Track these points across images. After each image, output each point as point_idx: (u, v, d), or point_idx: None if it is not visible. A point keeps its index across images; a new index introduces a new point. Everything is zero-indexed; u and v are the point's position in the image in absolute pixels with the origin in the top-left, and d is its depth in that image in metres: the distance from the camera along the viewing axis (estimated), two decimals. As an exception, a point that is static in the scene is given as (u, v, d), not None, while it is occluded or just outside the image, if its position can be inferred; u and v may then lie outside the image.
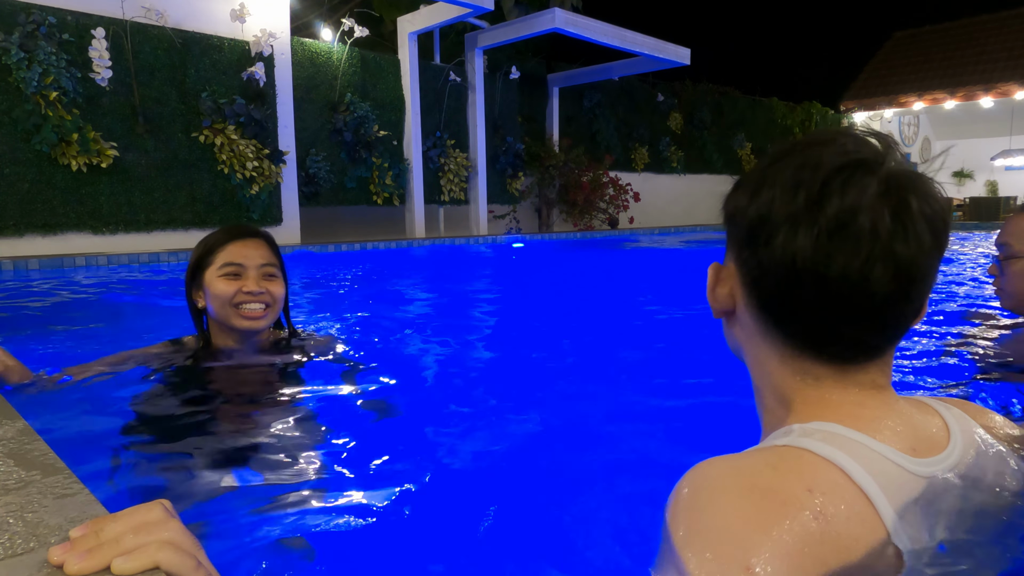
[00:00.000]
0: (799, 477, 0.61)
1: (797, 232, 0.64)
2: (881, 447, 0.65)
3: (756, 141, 14.83)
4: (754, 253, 0.69)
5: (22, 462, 0.75)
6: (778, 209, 0.66)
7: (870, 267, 0.63)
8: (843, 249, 0.63)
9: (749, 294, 0.73)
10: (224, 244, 1.66)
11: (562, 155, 10.64)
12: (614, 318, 3.59)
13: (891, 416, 0.68)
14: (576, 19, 8.48)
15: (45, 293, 4.20)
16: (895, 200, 0.63)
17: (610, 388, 2.10)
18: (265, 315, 1.67)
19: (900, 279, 0.64)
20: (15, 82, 5.42)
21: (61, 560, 0.53)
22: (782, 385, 0.73)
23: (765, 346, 0.74)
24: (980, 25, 16.77)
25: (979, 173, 19.41)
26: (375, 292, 4.71)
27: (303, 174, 7.61)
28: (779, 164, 0.69)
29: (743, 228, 0.71)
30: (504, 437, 1.65)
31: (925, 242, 0.64)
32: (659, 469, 1.39)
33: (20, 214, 5.62)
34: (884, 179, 0.64)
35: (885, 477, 0.63)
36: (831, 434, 0.65)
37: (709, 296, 0.80)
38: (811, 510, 0.59)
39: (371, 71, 8.23)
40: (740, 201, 0.72)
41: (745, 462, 0.65)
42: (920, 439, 0.68)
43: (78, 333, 2.92)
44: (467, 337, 3.06)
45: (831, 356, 0.69)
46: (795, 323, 0.69)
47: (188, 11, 6.48)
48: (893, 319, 0.67)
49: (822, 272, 0.64)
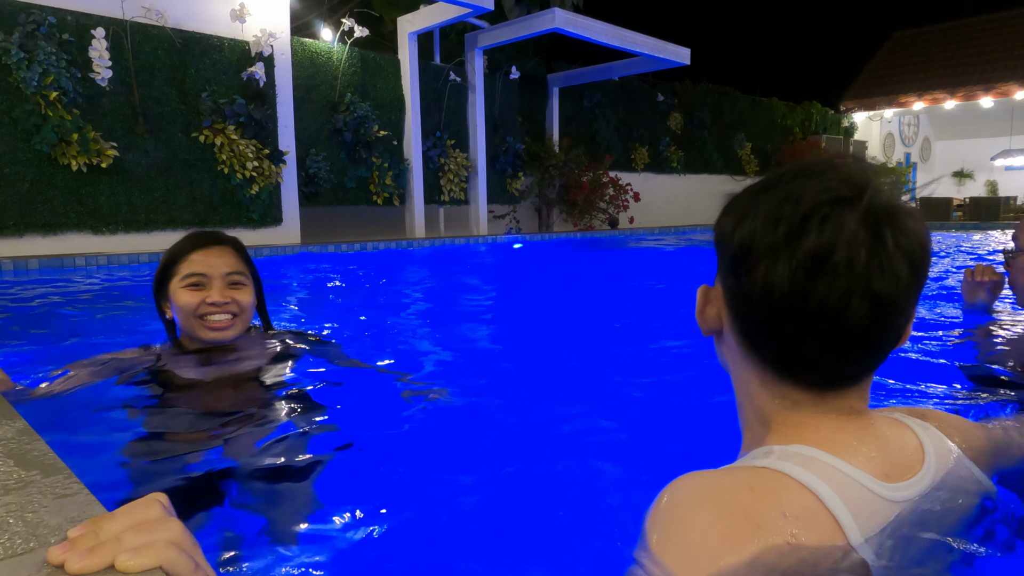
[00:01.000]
0: (775, 501, 0.63)
1: (777, 264, 0.66)
2: (856, 473, 0.67)
3: (756, 141, 14.82)
4: (737, 281, 0.71)
5: (22, 462, 0.75)
6: (760, 240, 0.68)
7: (847, 301, 0.64)
8: (820, 283, 0.64)
9: (733, 319, 0.76)
10: (187, 253, 1.60)
11: (562, 155, 10.63)
12: (614, 318, 3.59)
13: (867, 441, 0.71)
14: (576, 19, 8.48)
15: (45, 293, 4.20)
16: (873, 235, 0.64)
17: (610, 388, 2.10)
18: (232, 325, 1.61)
19: (877, 313, 0.65)
20: (15, 82, 5.41)
21: (61, 560, 0.53)
22: (762, 406, 0.75)
23: (747, 368, 0.76)
24: (980, 25, 16.77)
25: (979, 173, 19.40)
26: (374, 292, 4.71)
27: (303, 174, 7.60)
28: (764, 195, 0.70)
29: (728, 255, 0.73)
30: (503, 437, 1.65)
31: (902, 276, 0.65)
32: (657, 469, 1.39)
33: (20, 214, 5.62)
34: (863, 214, 0.65)
35: (858, 504, 0.65)
36: (809, 459, 0.67)
37: (698, 316, 0.82)
38: (784, 535, 0.61)
39: (371, 71, 8.23)
40: (726, 227, 0.73)
41: (725, 480, 0.67)
42: (894, 464, 0.70)
43: (78, 333, 2.92)
44: (466, 337, 3.06)
45: (809, 383, 0.71)
46: (774, 350, 0.72)
47: (188, 11, 6.47)
48: (870, 350, 0.69)
49: (800, 304, 0.66)
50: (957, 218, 13.71)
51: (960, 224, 12.19)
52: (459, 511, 1.25)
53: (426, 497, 1.30)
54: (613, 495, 1.31)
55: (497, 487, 1.37)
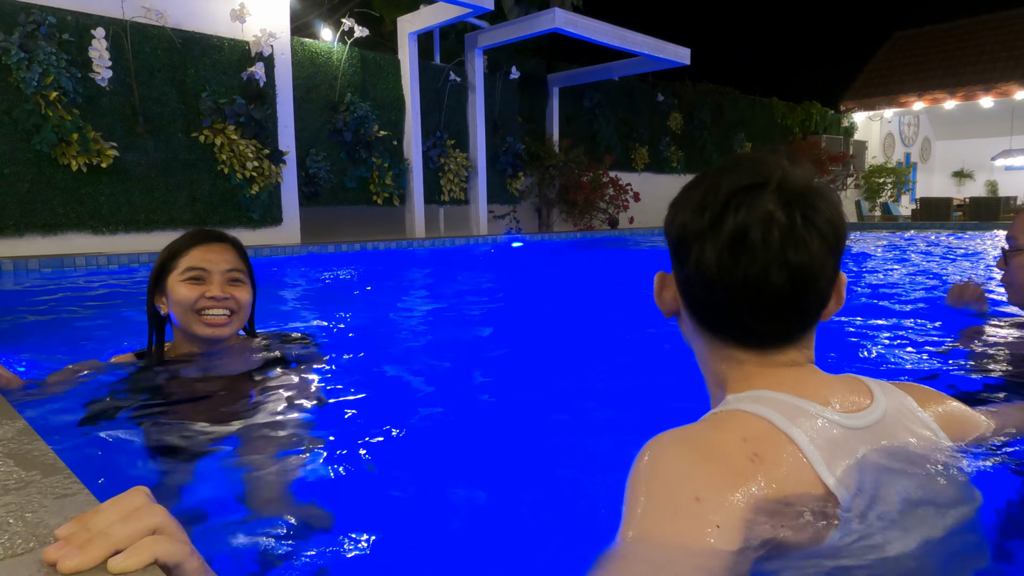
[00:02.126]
0: (733, 430, 0.73)
1: (704, 247, 0.77)
2: (803, 403, 0.75)
3: (756, 141, 14.82)
4: (680, 265, 0.83)
5: (22, 462, 0.75)
6: (690, 228, 0.79)
7: (766, 272, 0.74)
8: (741, 259, 0.74)
9: (683, 298, 0.87)
10: (188, 248, 1.60)
11: (562, 155, 10.63)
12: (614, 318, 3.59)
13: (811, 383, 0.79)
14: (576, 19, 8.48)
15: (45, 293, 4.20)
16: (784, 213, 0.73)
17: (610, 388, 2.10)
18: (229, 322, 1.61)
19: (795, 280, 0.74)
20: (15, 82, 5.42)
21: (55, 558, 0.52)
22: (715, 369, 0.85)
23: (700, 339, 0.87)
24: (980, 25, 16.76)
25: (979, 173, 19.41)
26: (374, 292, 4.71)
27: (303, 174, 7.61)
28: (693, 189, 0.82)
29: (671, 243, 0.85)
30: (502, 437, 1.65)
31: (814, 247, 0.74)
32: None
33: (20, 214, 5.62)
34: (775, 195, 0.74)
35: (809, 427, 0.73)
36: (759, 397, 0.77)
37: (656, 300, 0.93)
38: (746, 454, 0.69)
39: (371, 71, 8.23)
40: (667, 220, 0.85)
41: (690, 428, 0.76)
42: (841, 399, 0.78)
43: (77, 333, 2.92)
44: (466, 337, 3.06)
45: (749, 344, 0.81)
46: (715, 320, 0.82)
47: (188, 11, 6.47)
48: (796, 313, 0.78)
49: (727, 279, 0.76)
50: (957, 218, 13.71)
51: (960, 224, 12.19)
52: (457, 511, 1.25)
53: (422, 496, 1.30)
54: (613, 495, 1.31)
55: (495, 486, 1.37)
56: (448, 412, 1.81)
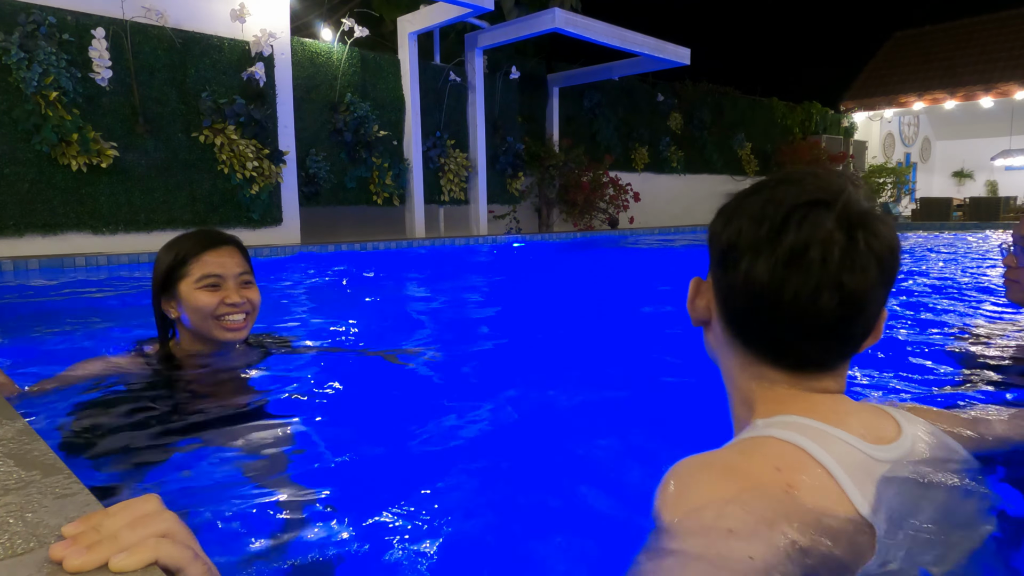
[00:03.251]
0: (765, 458, 0.70)
1: (758, 259, 0.74)
2: (836, 431, 0.73)
3: (756, 141, 14.82)
4: (724, 274, 0.80)
5: (22, 462, 0.75)
6: (744, 238, 0.76)
7: (819, 293, 0.71)
8: (795, 277, 0.72)
9: (720, 308, 0.84)
10: (198, 254, 1.60)
11: (562, 155, 10.63)
12: (614, 318, 3.59)
13: (842, 410, 0.77)
14: (576, 19, 8.47)
15: (45, 293, 4.20)
16: (846, 235, 0.71)
17: (610, 388, 2.10)
18: (246, 324, 1.64)
19: (846, 305, 0.72)
20: (15, 82, 5.41)
21: (62, 556, 0.53)
22: (744, 388, 0.83)
23: (731, 353, 0.84)
24: (980, 25, 16.76)
25: (979, 173, 19.40)
26: (374, 292, 4.71)
27: (303, 174, 7.60)
28: (751, 198, 0.79)
29: (717, 251, 0.81)
30: (501, 437, 1.65)
31: (871, 274, 0.72)
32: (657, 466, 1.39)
33: (20, 214, 5.62)
34: (837, 216, 0.72)
35: (843, 456, 0.70)
36: (790, 423, 0.74)
37: (689, 307, 0.90)
38: (780, 484, 0.67)
39: (371, 71, 8.23)
40: (716, 227, 0.82)
41: (718, 454, 0.74)
42: (870, 430, 0.76)
43: (77, 333, 2.92)
44: (465, 337, 3.06)
45: (785, 366, 0.79)
46: (754, 336, 0.80)
47: (188, 11, 6.47)
48: (840, 339, 0.76)
49: (776, 296, 0.73)
50: (957, 218, 13.71)
51: (960, 224, 12.18)
52: (455, 511, 1.25)
53: (420, 496, 1.30)
54: (611, 495, 1.31)
55: (495, 486, 1.37)
56: (447, 412, 1.81)
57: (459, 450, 1.54)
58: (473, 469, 1.45)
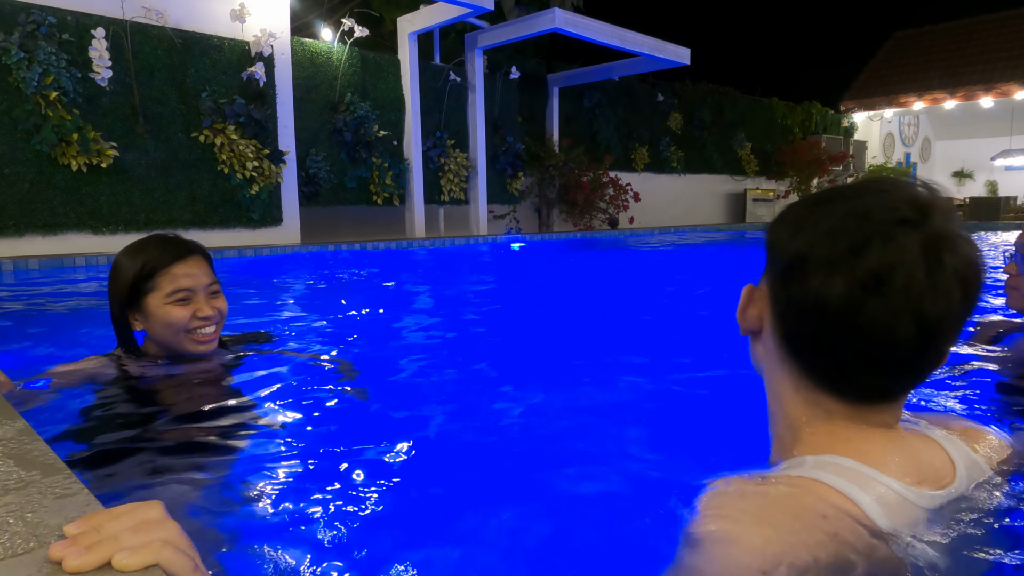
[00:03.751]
0: (812, 506, 0.64)
1: (833, 278, 0.67)
2: (889, 480, 0.67)
3: (756, 141, 14.82)
4: (787, 287, 0.72)
5: (22, 462, 0.75)
6: (818, 252, 0.68)
7: (897, 321, 0.65)
8: (874, 301, 0.65)
9: (776, 323, 0.76)
10: (167, 267, 1.55)
11: (562, 155, 10.63)
12: (614, 318, 3.59)
13: (897, 452, 0.71)
14: (576, 19, 8.47)
15: (45, 293, 4.20)
16: (933, 259, 0.64)
17: (609, 388, 2.10)
18: (216, 336, 1.63)
19: (924, 335, 0.66)
20: (15, 82, 5.41)
21: (61, 556, 0.53)
22: (793, 412, 0.76)
23: (783, 372, 0.77)
24: (980, 25, 16.76)
25: (979, 173, 19.40)
26: (374, 292, 4.71)
27: (303, 174, 7.60)
28: (826, 207, 0.71)
29: (781, 261, 0.73)
30: (501, 437, 1.65)
31: (954, 301, 0.65)
32: (656, 468, 1.39)
33: (20, 214, 5.62)
34: (924, 238, 0.65)
35: (894, 508, 0.65)
36: (843, 467, 0.68)
37: (739, 315, 0.83)
38: (825, 535, 0.61)
39: (371, 71, 8.23)
40: (782, 234, 0.74)
41: (763, 488, 0.68)
42: (925, 474, 0.71)
43: (77, 333, 2.92)
44: (465, 337, 3.06)
45: (846, 395, 0.72)
46: (815, 360, 0.72)
47: (188, 11, 6.47)
48: (910, 370, 0.70)
49: (851, 320, 0.66)
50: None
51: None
52: (453, 511, 1.25)
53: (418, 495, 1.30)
54: (609, 495, 1.31)
55: (492, 486, 1.36)
56: (447, 411, 1.81)
57: (458, 450, 1.54)
58: (472, 468, 1.45)
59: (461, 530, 1.18)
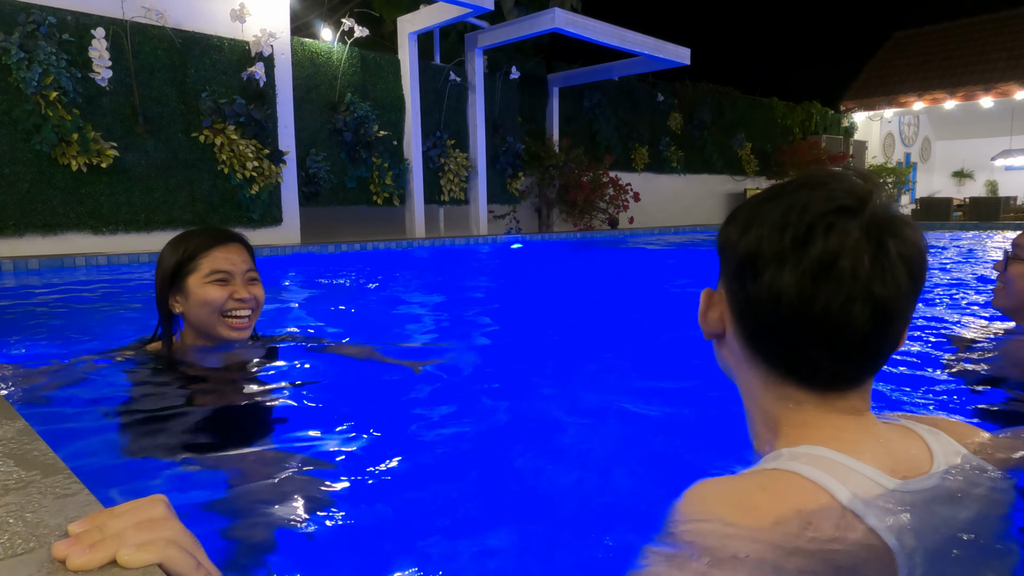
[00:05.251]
0: (787, 497, 0.66)
1: (783, 271, 0.69)
2: (864, 468, 0.69)
3: (756, 141, 14.82)
4: (743, 286, 0.74)
5: (22, 462, 0.75)
6: (766, 247, 0.70)
7: (850, 306, 0.67)
8: (825, 289, 0.67)
9: (737, 322, 0.78)
10: (208, 250, 1.62)
11: (562, 155, 10.63)
12: (614, 319, 3.59)
13: (871, 439, 0.73)
14: (576, 19, 8.48)
15: (45, 293, 4.20)
16: (875, 243, 0.67)
17: (609, 388, 2.10)
18: (250, 323, 1.66)
19: (878, 317, 0.68)
20: (15, 82, 5.42)
21: (64, 554, 0.53)
22: (767, 408, 0.78)
23: (751, 371, 0.78)
24: (980, 25, 16.77)
25: (979, 173, 19.41)
26: (374, 292, 4.71)
27: (303, 174, 7.61)
28: (770, 204, 0.73)
29: (733, 261, 0.75)
30: (500, 437, 1.65)
31: (902, 283, 0.68)
32: (656, 469, 1.39)
33: (20, 214, 5.62)
34: (866, 223, 0.67)
35: (870, 496, 0.66)
36: (817, 457, 0.70)
37: (700, 320, 0.84)
38: (800, 527, 0.63)
39: (371, 71, 8.23)
40: (731, 235, 0.76)
41: (738, 483, 0.69)
42: (899, 461, 0.72)
43: (78, 333, 2.92)
44: (465, 337, 3.06)
45: (812, 384, 0.74)
46: (778, 353, 0.74)
47: (188, 11, 6.48)
48: (871, 353, 0.72)
49: (805, 309, 0.68)
50: (957, 218, 13.71)
51: (960, 224, 12.19)
52: (452, 511, 1.25)
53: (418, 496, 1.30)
54: (609, 494, 1.31)
55: (491, 486, 1.37)
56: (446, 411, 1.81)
57: (457, 450, 1.54)
58: (470, 468, 1.45)
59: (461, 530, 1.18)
